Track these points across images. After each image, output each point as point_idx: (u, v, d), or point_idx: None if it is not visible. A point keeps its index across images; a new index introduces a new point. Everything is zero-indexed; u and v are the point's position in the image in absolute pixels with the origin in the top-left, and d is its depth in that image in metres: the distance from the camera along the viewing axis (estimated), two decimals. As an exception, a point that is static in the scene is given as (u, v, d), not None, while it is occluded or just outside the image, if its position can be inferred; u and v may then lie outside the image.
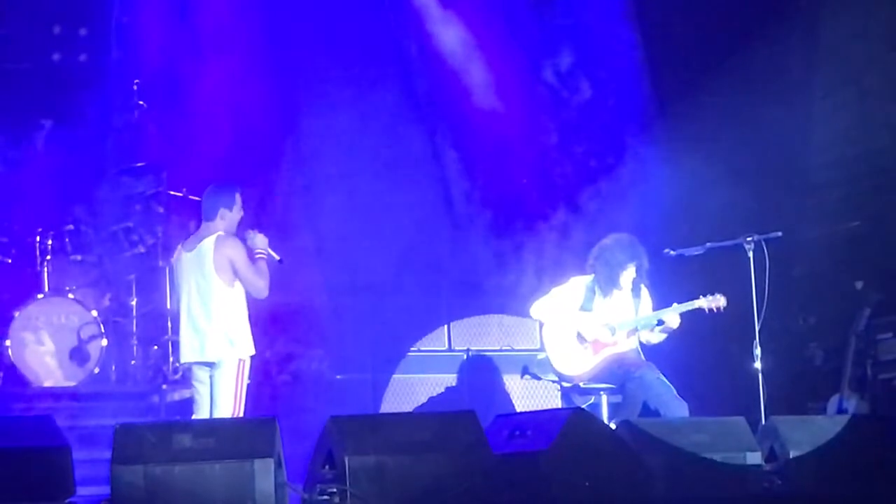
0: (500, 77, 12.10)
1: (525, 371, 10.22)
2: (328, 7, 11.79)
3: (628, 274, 9.54)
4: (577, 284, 9.67)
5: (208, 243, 8.63)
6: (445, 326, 11.62)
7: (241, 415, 8.53)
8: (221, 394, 8.58)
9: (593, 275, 9.64)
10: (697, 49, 11.66)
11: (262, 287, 8.64)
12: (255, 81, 11.71)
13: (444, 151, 11.99)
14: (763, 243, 9.36)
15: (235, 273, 8.59)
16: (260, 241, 8.73)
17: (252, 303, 8.74)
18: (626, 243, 9.56)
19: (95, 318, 11.01)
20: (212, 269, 8.59)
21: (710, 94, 11.58)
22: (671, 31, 11.75)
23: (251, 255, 8.69)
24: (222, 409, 8.55)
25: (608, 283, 9.56)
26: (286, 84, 11.78)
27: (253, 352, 8.67)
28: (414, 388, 11.45)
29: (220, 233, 8.68)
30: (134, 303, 11.27)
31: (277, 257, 8.78)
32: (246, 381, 8.63)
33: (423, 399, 11.40)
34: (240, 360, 8.58)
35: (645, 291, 9.64)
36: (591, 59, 12.07)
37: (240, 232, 8.76)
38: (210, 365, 8.63)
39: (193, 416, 8.74)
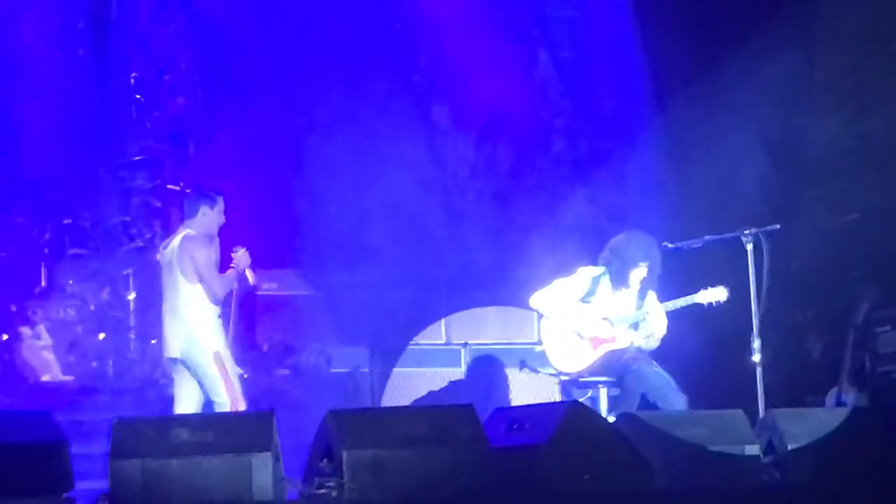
0: (500, 69, 12.10)
1: (523, 364, 10.22)
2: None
3: (638, 272, 9.50)
4: (584, 275, 9.63)
5: (176, 242, 8.86)
6: (443, 320, 11.62)
7: (240, 397, 8.65)
8: (209, 386, 8.70)
9: (604, 267, 9.62)
10: (696, 41, 11.65)
11: (217, 293, 8.81)
12: (252, 75, 11.70)
13: (442, 144, 11.98)
14: (761, 236, 9.34)
15: (195, 272, 8.70)
16: (242, 259, 8.93)
17: (249, 297, 8.80)
18: (643, 242, 9.52)
19: (93, 312, 11.01)
20: (177, 268, 8.76)
21: (709, 86, 11.57)
22: (670, 25, 11.75)
23: (226, 264, 8.83)
24: (219, 400, 8.70)
25: (618, 278, 9.52)
26: (284, 78, 11.77)
27: (220, 349, 8.74)
28: (412, 381, 11.45)
29: (189, 231, 8.89)
30: (132, 297, 11.28)
31: (252, 282, 9.03)
32: (232, 367, 8.67)
33: (422, 393, 11.40)
34: (214, 354, 8.69)
35: (652, 296, 9.59)
36: (591, 52, 12.07)
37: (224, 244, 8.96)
38: (180, 361, 8.74)
39: (174, 410, 8.84)
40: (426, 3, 11.87)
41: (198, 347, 8.73)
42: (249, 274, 8.96)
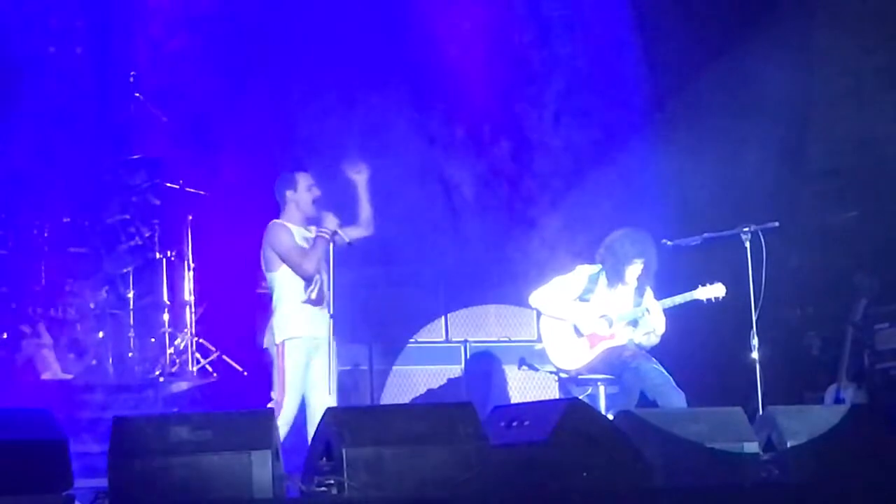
0: (500, 67, 12.10)
1: (522, 362, 10.22)
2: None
3: (634, 269, 9.52)
4: (581, 273, 9.66)
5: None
6: (443, 318, 11.61)
7: (286, 402, 8.60)
8: (273, 380, 8.70)
9: (600, 265, 9.64)
10: (694, 40, 11.65)
11: (306, 269, 8.73)
12: (252, 73, 11.69)
13: (441, 142, 11.98)
14: (760, 233, 9.36)
15: (280, 258, 8.70)
16: (328, 220, 8.83)
17: (248, 294, 8.80)
18: (638, 238, 9.55)
19: (92, 310, 11.01)
20: (261, 259, 8.80)
21: (707, 85, 11.58)
22: (668, 24, 11.75)
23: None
24: (273, 396, 8.68)
25: (614, 275, 9.54)
26: (283, 75, 11.77)
27: (292, 334, 8.70)
28: (412, 379, 11.45)
29: (274, 221, 8.86)
30: (131, 295, 11.27)
31: (347, 240, 8.86)
32: (295, 364, 8.65)
33: (421, 391, 11.40)
34: (277, 345, 8.66)
35: (649, 293, 9.61)
36: (588, 51, 12.06)
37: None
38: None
39: None
40: (425, 3, 11.87)
41: (271, 337, 8.75)
42: (342, 233, 8.82)
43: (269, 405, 8.65)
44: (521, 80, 12.09)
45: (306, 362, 8.72)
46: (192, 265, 11.41)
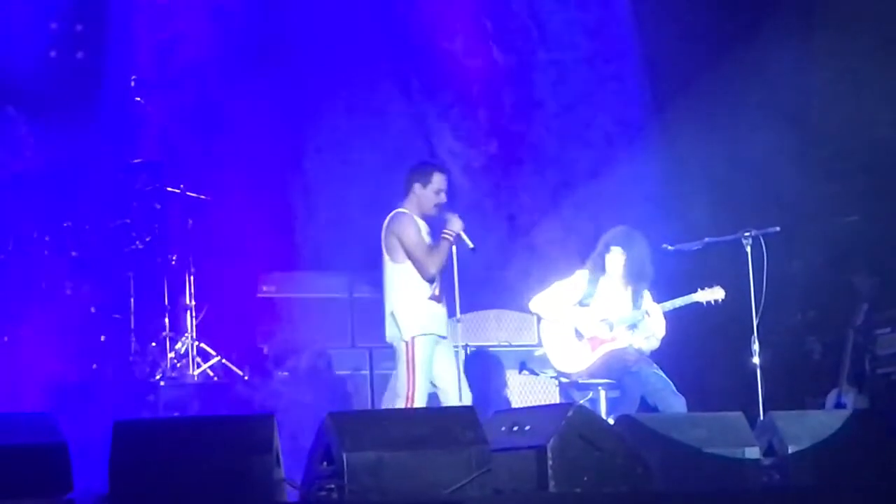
0: (499, 71, 12.10)
1: (523, 366, 10.21)
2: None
3: (614, 258, 9.54)
4: (581, 278, 9.68)
5: (386, 220, 8.71)
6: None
7: (416, 397, 8.57)
8: (399, 377, 8.65)
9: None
10: (694, 43, 11.66)
11: (429, 270, 8.64)
12: (253, 77, 11.69)
13: (440, 147, 11.98)
14: (761, 238, 9.36)
15: (405, 251, 8.60)
16: (453, 222, 8.72)
17: (249, 298, 8.76)
18: (622, 231, 9.63)
19: (94, 314, 11.01)
20: (383, 248, 8.67)
21: (706, 88, 11.58)
22: (668, 28, 11.75)
23: (437, 233, 8.69)
24: (399, 392, 8.64)
25: (595, 265, 9.60)
26: (283, 79, 11.77)
27: (421, 331, 8.65)
28: (412, 383, 11.42)
29: (400, 210, 8.74)
30: (132, 299, 11.26)
31: (471, 245, 8.74)
32: (425, 360, 8.61)
33: (422, 394, 11.37)
34: (406, 342, 8.60)
35: (648, 296, 9.61)
36: (589, 55, 12.06)
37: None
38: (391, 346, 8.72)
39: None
40: (425, 5, 11.87)
41: (397, 332, 8.68)
42: (466, 238, 8.72)
43: (398, 403, 8.62)
44: (521, 85, 12.09)
45: (431, 358, 8.67)
46: (192, 269, 11.40)
